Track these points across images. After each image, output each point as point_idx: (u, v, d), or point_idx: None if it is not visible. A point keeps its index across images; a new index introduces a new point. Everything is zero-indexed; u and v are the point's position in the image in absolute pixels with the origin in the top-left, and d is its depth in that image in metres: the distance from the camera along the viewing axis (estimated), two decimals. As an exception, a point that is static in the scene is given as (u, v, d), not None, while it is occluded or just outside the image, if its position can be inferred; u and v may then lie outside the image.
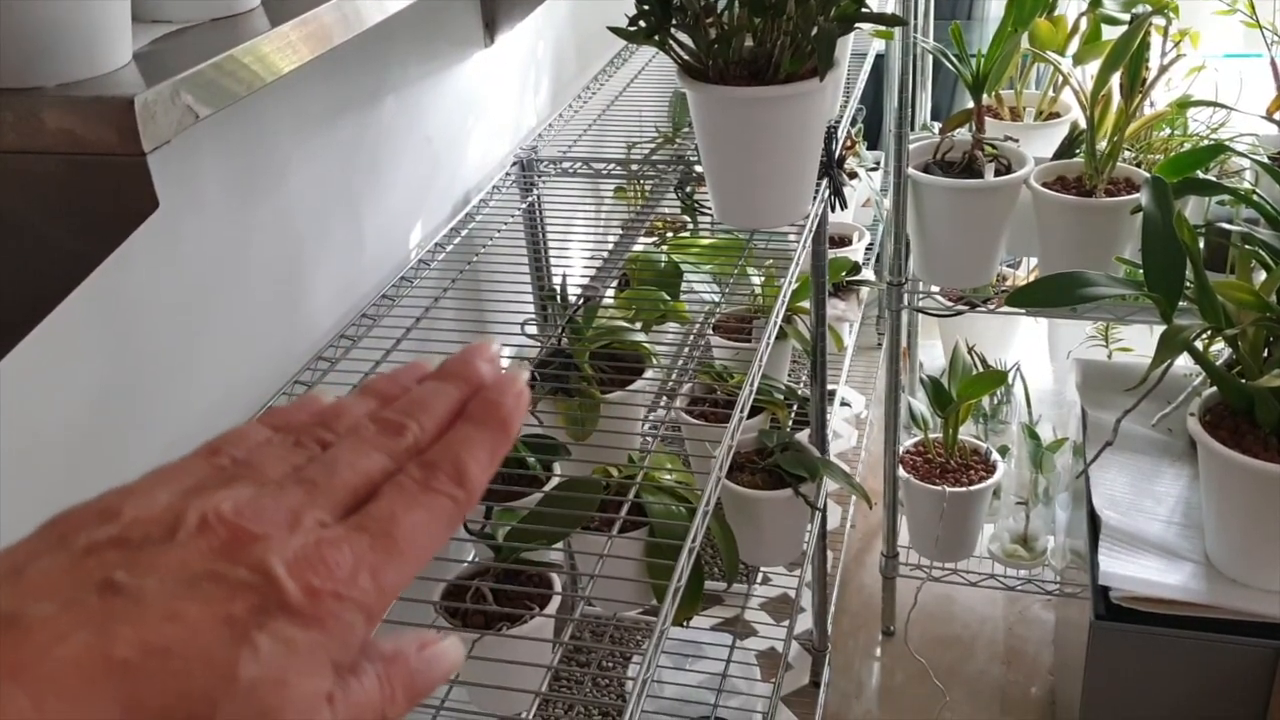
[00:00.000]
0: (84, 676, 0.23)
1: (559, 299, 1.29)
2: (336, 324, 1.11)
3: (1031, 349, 2.51)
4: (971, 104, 1.64)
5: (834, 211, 1.46)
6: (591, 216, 1.72)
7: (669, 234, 1.67)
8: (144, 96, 0.52)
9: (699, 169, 1.33)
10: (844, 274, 1.91)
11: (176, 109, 0.54)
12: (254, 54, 0.60)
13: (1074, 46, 1.71)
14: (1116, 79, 1.52)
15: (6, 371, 0.70)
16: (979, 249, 1.66)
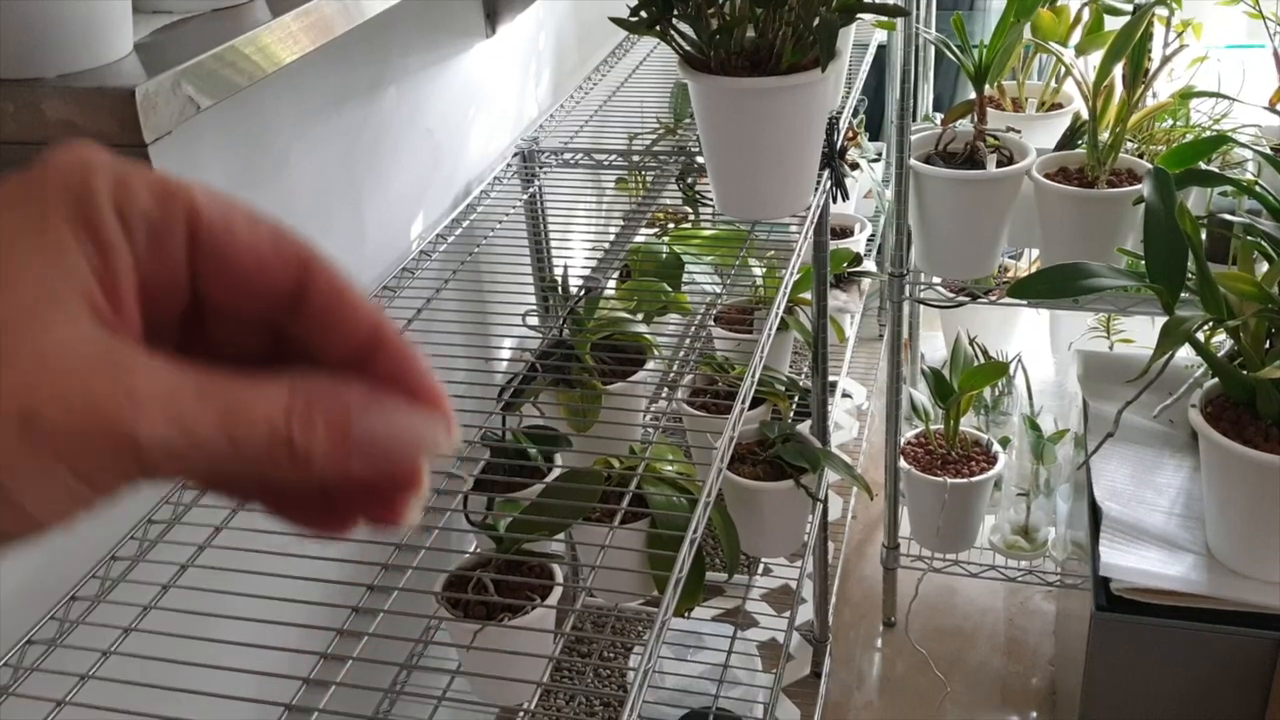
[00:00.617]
0: None
1: (560, 290, 1.29)
2: (338, 315, 1.10)
3: (1033, 340, 2.51)
4: (973, 95, 1.63)
5: (835, 203, 1.46)
6: (593, 208, 1.72)
7: (670, 225, 1.67)
8: (145, 87, 0.52)
9: (700, 160, 1.33)
10: (845, 265, 1.91)
11: (178, 100, 0.54)
12: (255, 44, 0.60)
13: (1076, 37, 1.71)
14: (1119, 70, 1.52)
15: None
16: (981, 240, 1.65)
